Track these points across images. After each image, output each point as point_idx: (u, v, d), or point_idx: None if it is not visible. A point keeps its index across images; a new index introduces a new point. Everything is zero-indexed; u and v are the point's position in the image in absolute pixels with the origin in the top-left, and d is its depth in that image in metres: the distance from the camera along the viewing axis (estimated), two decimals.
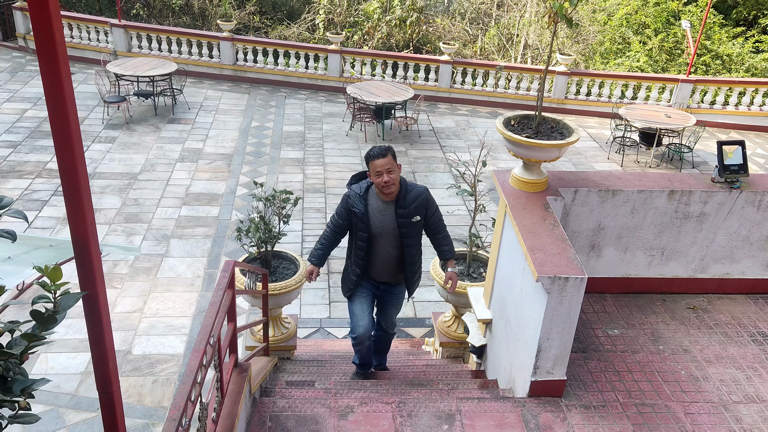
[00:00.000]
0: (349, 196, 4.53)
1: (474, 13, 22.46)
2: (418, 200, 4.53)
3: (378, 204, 4.50)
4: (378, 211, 4.50)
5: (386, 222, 4.50)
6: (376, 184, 4.39)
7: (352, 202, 4.51)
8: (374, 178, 4.36)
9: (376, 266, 4.71)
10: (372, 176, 4.38)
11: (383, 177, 4.31)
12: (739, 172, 4.81)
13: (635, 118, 11.32)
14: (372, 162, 4.32)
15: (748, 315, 4.99)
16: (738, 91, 13.31)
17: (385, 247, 4.60)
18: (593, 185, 4.78)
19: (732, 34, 19.01)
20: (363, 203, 4.49)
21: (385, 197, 4.47)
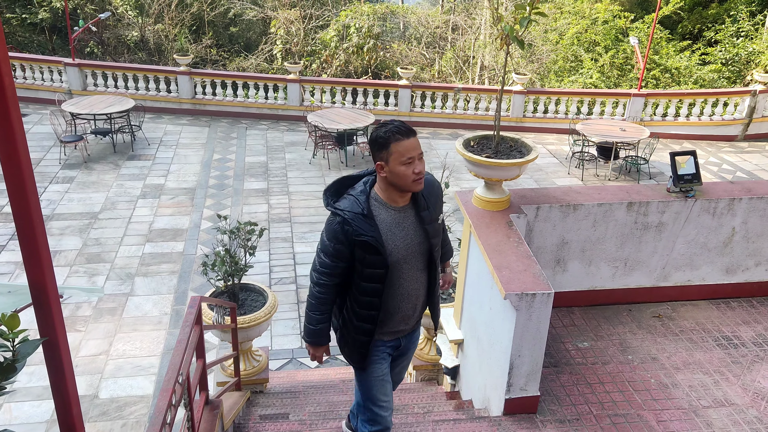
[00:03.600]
0: (345, 220, 2.90)
1: (430, 37, 22.86)
2: (433, 188, 3.20)
3: (390, 215, 2.98)
4: (394, 225, 2.99)
5: (409, 238, 3.03)
6: (401, 178, 2.86)
7: (355, 227, 2.89)
8: (398, 169, 2.83)
9: (400, 311, 3.19)
10: (392, 166, 2.84)
11: (415, 166, 2.86)
12: (692, 181, 4.96)
13: (592, 133, 11.60)
14: (397, 144, 2.81)
15: (712, 320, 5.10)
16: (688, 102, 13.77)
17: (411, 276, 3.12)
18: (554, 201, 4.86)
19: (679, 48, 19.70)
20: (371, 223, 2.92)
21: (401, 200, 3.01)
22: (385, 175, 2.88)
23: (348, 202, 2.95)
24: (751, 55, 17.61)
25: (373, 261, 2.95)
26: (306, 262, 8.63)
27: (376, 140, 2.87)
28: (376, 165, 2.92)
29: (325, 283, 3.06)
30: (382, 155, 2.85)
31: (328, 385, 5.80)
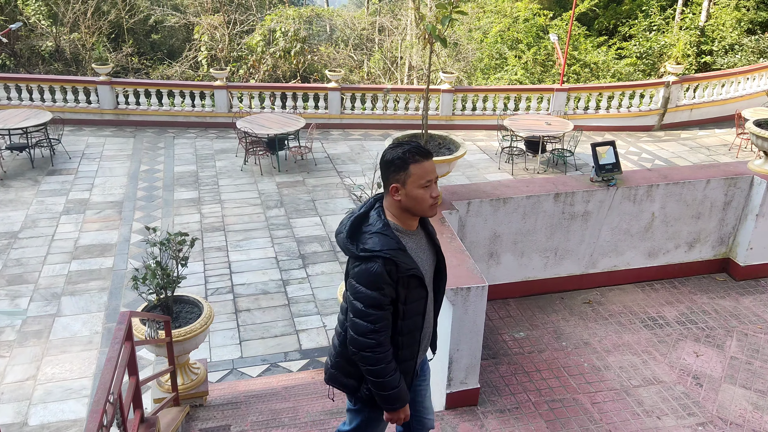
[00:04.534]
0: (387, 260, 2.55)
1: (357, 39, 22.91)
2: None
3: (411, 241, 2.74)
4: (418, 250, 2.76)
5: (428, 262, 2.83)
6: (418, 202, 2.61)
7: (400, 263, 2.58)
8: (416, 192, 2.59)
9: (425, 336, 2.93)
10: (410, 189, 2.59)
11: (432, 189, 2.64)
12: (613, 170, 5.16)
13: (519, 128, 11.90)
14: (416, 166, 2.57)
15: (638, 302, 5.33)
16: (607, 95, 14.31)
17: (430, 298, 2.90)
18: (485, 196, 4.96)
19: (596, 43, 20.47)
20: (408, 255, 2.64)
21: (414, 224, 2.76)
22: (400, 198, 2.60)
23: (379, 240, 2.57)
24: (663, 48, 18.49)
25: (415, 295, 2.70)
26: (242, 270, 8.49)
27: (393, 161, 2.59)
28: (391, 188, 2.61)
29: (384, 341, 2.63)
30: (399, 177, 2.58)
31: (270, 393, 5.71)
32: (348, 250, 2.63)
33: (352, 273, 2.63)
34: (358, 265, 2.59)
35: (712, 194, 5.30)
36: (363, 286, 2.56)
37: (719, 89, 14.34)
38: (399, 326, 2.70)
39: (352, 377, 2.83)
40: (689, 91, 14.28)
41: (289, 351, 7.03)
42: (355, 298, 2.60)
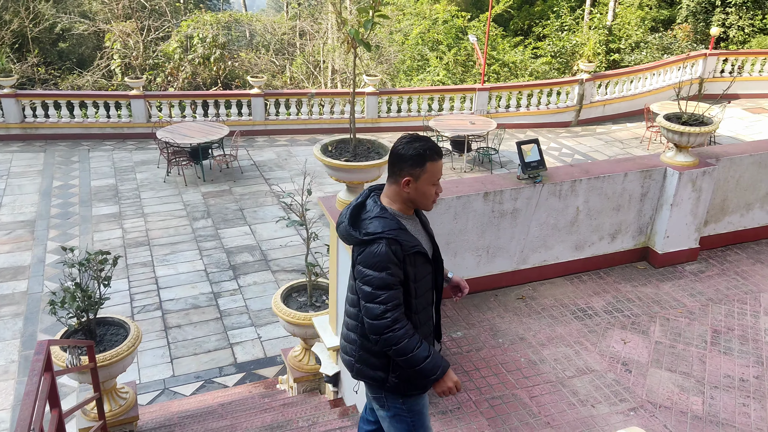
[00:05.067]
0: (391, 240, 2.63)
1: (278, 44, 22.64)
2: None
3: (408, 223, 2.83)
4: (415, 231, 2.87)
5: (426, 242, 2.93)
6: (424, 197, 2.75)
7: (403, 241, 2.67)
8: (426, 188, 2.72)
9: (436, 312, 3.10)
10: (421, 184, 2.70)
11: (438, 187, 2.80)
12: (538, 167, 5.28)
13: (445, 128, 12.06)
14: (433, 164, 2.69)
15: (567, 295, 5.47)
16: (526, 93, 14.74)
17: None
18: None
19: (513, 43, 21.06)
20: (409, 234, 2.76)
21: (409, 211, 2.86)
22: (409, 191, 2.71)
23: (380, 223, 2.66)
24: (575, 47, 19.23)
25: (422, 271, 2.79)
26: (170, 285, 8.18)
27: (411, 156, 2.66)
28: (403, 180, 2.69)
29: (399, 317, 2.66)
30: (414, 172, 2.67)
31: (205, 412, 5.53)
32: (351, 236, 2.69)
33: (358, 259, 2.68)
34: (362, 250, 2.65)
35: (630, 187, 5.51)
36: (370, 269, 2.61)
37: (628, 85, 15.03)
38: (414, 305, 2.75)
39: (379, 369, 2.83)
40: (601, 88, 14.89)
41: (223, 366, 6.84)
42: (364, 283, 2.64)
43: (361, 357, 2.85)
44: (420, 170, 2.67)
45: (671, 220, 5.59)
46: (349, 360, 2.93)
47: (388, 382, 2.83)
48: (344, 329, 2.97)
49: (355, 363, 2.90)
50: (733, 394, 4.40)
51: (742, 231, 6.09)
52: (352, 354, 2.91)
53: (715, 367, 4.64)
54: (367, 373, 2.87)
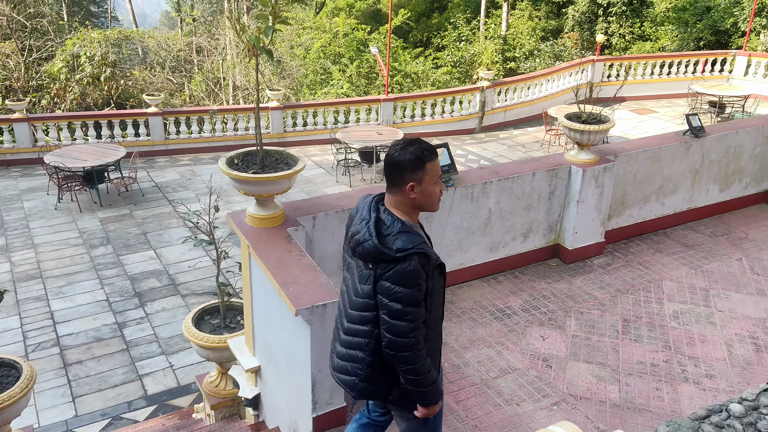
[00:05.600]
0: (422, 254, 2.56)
1: (174, 61, 21.91)
2: None
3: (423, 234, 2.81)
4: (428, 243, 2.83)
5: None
6: (431, 197, 2.69)
7: (430, 253, 2.62)
8: (430, 188, 2.66)
9: None
10: (425, 186, 2.64)
11: (440, 185, 2.74)
12: (449, 171, 5.30)
13: (353, 140, 12.01)
14: (431, 163, 2.63)
15: (486, 296, 5.51)
16: (430, 102, 14.99)
17: None
18: (329, 208, 4.84)
19: (413, 54, 21.44)
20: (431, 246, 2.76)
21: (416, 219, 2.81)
22: (415, 196, 2.64)
23: (408, 238, 2.57)
24: (473, 57, 19.82)
25: (437, 284, 2.72)
26: (68, 319, 7.60)
27: (409, 162, 2.59)
28: (408, 187, 2.61)
29: (421, 338, 2.62)
30: (416, 176, 2.60)
31: None
32: (381, 253, 2.56)
33: (386, 276, 2.56)
34: (391, 267, 2.54)
35: (539, 186, 5.64)
36: (401, 286, 2.54)
37: (526, 91, 15.62)
38: (427, 320, 2.69)
39: (384, 384, 2.78)
40: (501, 95, 15.39)
41: (132, 399, 6.39)
42: (393, 300, 2.56)
43: (368, 375, 2.76)
44: (421, 173, 2.61)
45: (578, 216, 5.76)
46: (352, 380, 2.81)
47: (391, 395, 2.81)
48: (341, 348, 2.84)
49: (359, 382, 2.79)
50: (646, 379, 4.55)
51: (641, 223, 6.38)
52: (355, 373, 2.79)
53: (627, 355, 4.80)
54: (370, 391, 2.80)
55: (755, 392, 2.71)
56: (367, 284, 2.65)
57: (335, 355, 2.89)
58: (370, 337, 2.71)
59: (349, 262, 2.82)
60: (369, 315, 2.68)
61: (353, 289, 2.74)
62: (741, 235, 6.48)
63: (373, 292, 2.64)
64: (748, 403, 2.68)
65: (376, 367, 2.74)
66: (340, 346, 2.84)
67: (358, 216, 2.77)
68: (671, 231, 6.57)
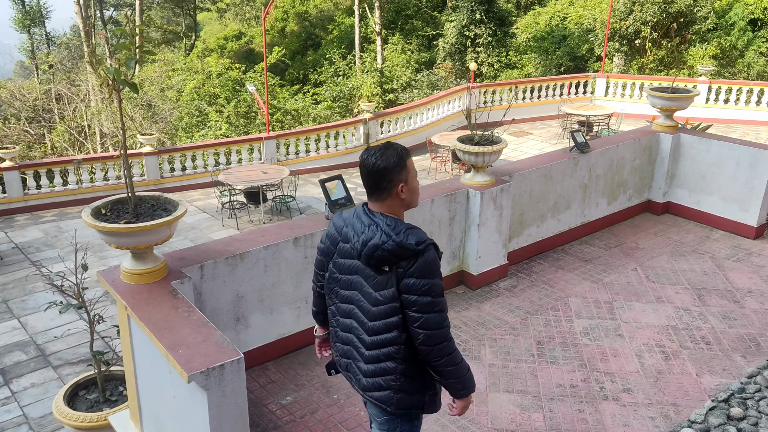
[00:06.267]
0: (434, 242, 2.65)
1: (30, 111, 20.21)
2: None
3: None
4: None
5: None
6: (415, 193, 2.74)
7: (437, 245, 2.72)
8: (414, 184, 2.72)
9: None
10: (411, 183, 2.69)
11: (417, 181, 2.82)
12: (346, 204, 4.98)
13: (236, 181, 11.45)
14: (410, 161, 2.69)
15: None
16: (314, 137, 14.71)
17: None
18: (218, 255, 4.36)
19: (292, 92, 21.20)
20: None
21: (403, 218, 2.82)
22: (405, 196, 2.68)
23: (416, 231, 2.62)
24: (352, 91, 19.85)
25: None
26: None
27: (396, 164, 2.62)
28: (398, 188, 2.64)
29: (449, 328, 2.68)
30: (402, 176, 2.65)
31: None
32: (405, 249, 2.55)
33: (410, 272, 2.56)
34: (413, 263, 2.55)
35: (438, 212, 5.46)
36: (427, 278, 2.56)
37: (408, 121, 15.76)
38: None
39: (418, 392, 2.75)
40: (384, 126, 15.42)
41: None
42: (423, 294, 2.57)
43: (402, 385, 2.70)
44: (405, 171, 2.65)
45: (480, 240, 5.63)
46: (387, 394, 2.72)
47: (426, 403, 2.78)
48: (368, 366, 2.74)
49: (395, 394, 2.71)
50: (568, 402, 4.41)
51: (540, 241, 6.38)
52: (389, 386, 2.71)
53: (546, 379, 4.65)
54: (406, 402, 2.73)
55: (702, 412, 2.57)
56: (387, 288, 2.61)
57: (362, 375, 2.77)
58: (400, 343, 2.65)
59: (348, 279, 2.75)
60: (395, 320, 2.63)
61: (370, 301, 2.67)
62: (632, 245, 6.64)
63: (397, 294, 2.59)
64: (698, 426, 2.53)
65: (409, 374, 2.70)
66: (365, 364, 2.74)
67: (352, 228, 2.71)
68: (569, 247, 6.62)
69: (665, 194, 7.16)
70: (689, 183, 6.96)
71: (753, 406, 3.88)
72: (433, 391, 2.79)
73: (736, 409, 3.79)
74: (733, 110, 15.84)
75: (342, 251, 2.75)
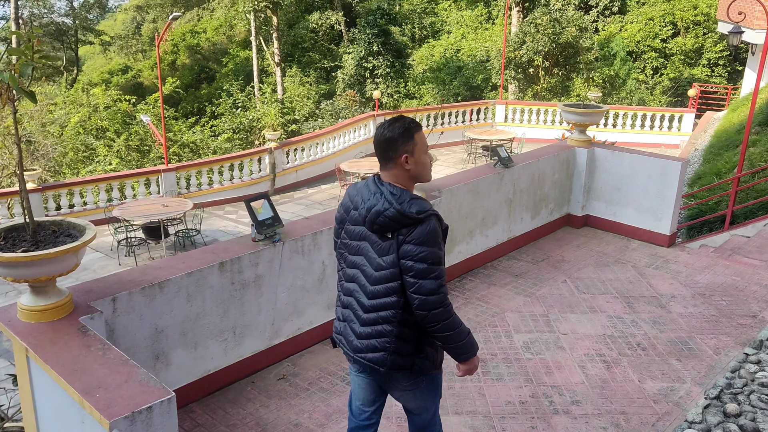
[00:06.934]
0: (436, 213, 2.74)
1: None
2: None
3: None
4: None
5: None
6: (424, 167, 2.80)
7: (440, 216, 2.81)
8: (423, 158, 2.78)
9: None
10: (418, 156, 2.76)
11: (429, 156, 2.88)
12: (274, 224, 4.62)
13: (134, 216, 10.64)
14: (419, 134, 2.77)
15: (331, 361, 4.83)
16: (217, 169, 14.08)
17: None
18: (133, 285, 3.85)
19: (189, 124, 20.38)
20: None
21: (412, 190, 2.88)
22: (410, 167, 2.75)
23: (419, 201, 2.72)
24: (252, 122, 19.34)
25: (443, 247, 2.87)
26: None
27: (400, 135, 2.72)
28: (402, 158, 2.73)
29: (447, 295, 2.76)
30: (408, 147, 2.73)
31: None
32: (404, 217, 2.65)
33: (409, 239, 2.65)
34: (413, 230, 2.65)
35: None
36: (425, 246, 2.65)
37: (315, 149, 15.50)
38: None
39: (410, 354, 2.83)
40: (291, 155, 15.06)
41: None
42: (418, 261, 2.65)
43: (396, 347, 2.80)
44: (412, 144, 2.73)
45: None
46: (381, 355, 2.82)
47: (415, 365, 2.85)
48: (363, 328, 2.84)
49: (389, 356, 2.81)
50: (520, 419, 4.22)
51: (470, 258, 6.25)
52: (384, 347, 2.81)
53: (495, 397, 4.45)
54: (399, 363, 2.82)
55: (698, 411, 2.43)
56: (389, 254, 2.70)
57: (355, 337, 2.87)
58: (397, 307, 2.74)
59: (357, 245, 2.83)
60: (395, 285, 2.72)
61: (373, 266, 2.76)
62: (558, 258, 6.67)
63: (397, 260, 2.68)
64: (698, 426, 2.38)
65: (403, 337, 2.79)
66: (361, 326, 2.84)
67: (361, 196, 2.81)
68: (497, 262, 6.54)
69: (583, 207, 7.29)
70: (605, 195, 7.13)
71: (745, 401, 3.84)
72: (423, 355, 2.85)
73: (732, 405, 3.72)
74: (622, 133, 16.84)
75: (352, 218, 2.83)
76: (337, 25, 30.34)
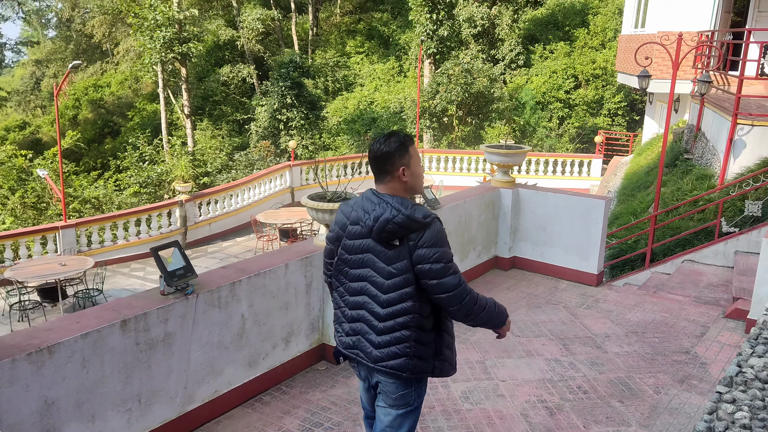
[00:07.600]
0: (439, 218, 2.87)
1: None
2: None
3: None
4: None
5: None
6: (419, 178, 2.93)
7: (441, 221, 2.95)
8: (418, 170, 2.92)
9: None
10: (413, 168, 2.89)
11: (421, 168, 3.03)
12: (186, 275, 4.13)
13: (29, 276, 9.67)
14: (413, 147, 2.91)
15: (254, 426, 4.31)
16: (122, 223, 13.20)
17: None
18: (17, 351, 3.27)
19: (91, 179, 19.25)
20: None
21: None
22: (407, 179, 2.86)
23: (422, 208, 2.81)
24: (161, 176, 18.49)
25: None
26: None
27: (398, 149, 2.83)
28: (399, 171, 2.84)
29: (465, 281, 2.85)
30: (404, 160, 2.84)
31: None
32: (414, 222, 2.73)
33: (421, 243, 2.74)
34: (422, 234, 2.74)
35: (294, 278, 4.78)
36: (437, 247, 2.75)
37: (229, 201, 14.91)
38: None
39: (430, 357, 2.89)
40: (204, 207, 14.39)
41: None
42: (434, 261, 2.74)
43: (417, 351, 2.84)
44: (408, 157, 2.85)
45: None
46: (403, 361, 2.84)
47: (436, 367, 2.91)
48: (381, 338, 2.85)
49: (410, 360, 2.84)
50: None
51: None
52: (405, 353, 2.84)
53: None
54: (420, 367, 2.86)
55: None
56: (400, 261, 2.76)
57: (373, 348, 2.87)
58: (414, 312, 2.80)
59: (359, 258, 2.86)
60: (410, 290, 2.78)
61: (383, 275, 2.80)
62: None
63: (410, 265, 2.75)
64: None
65: (422, 340, 2.84)
66: (378, 336, 2.84)
67: (362, 209, 2.84)
68: None
69: (511, 249, 7.17)
70: (532, 236, 7.05)
71: None
72: (443, 357, 2.92)
73: None
74: (535, 179, 17.31)
75: (351, 233, 2.87)
76: (249, 78, 30.07)
